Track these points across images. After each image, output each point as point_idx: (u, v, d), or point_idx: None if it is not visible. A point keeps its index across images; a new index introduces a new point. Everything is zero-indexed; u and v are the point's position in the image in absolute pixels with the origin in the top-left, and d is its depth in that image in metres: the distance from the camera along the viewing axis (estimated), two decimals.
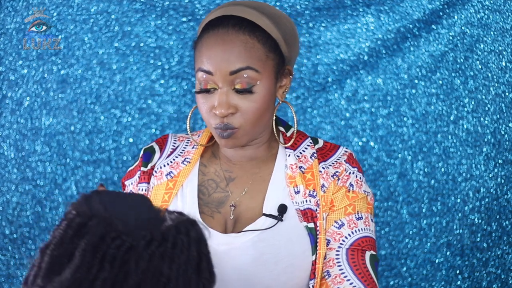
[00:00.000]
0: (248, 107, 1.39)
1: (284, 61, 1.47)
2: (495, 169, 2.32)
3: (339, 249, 1.44)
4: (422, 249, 2.34)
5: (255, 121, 1.41)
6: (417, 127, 2.33)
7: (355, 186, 1.49)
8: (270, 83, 1.42)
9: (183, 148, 1.56)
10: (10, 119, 2.27)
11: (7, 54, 2.26)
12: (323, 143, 1.54)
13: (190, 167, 1.51)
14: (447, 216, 2.33)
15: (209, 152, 1.55)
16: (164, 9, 2.28)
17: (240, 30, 1.40)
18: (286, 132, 1.54)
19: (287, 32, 1.47)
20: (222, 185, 1.50)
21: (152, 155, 1.55)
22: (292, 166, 1.49)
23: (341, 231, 1.45)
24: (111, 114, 2.30)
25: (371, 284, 1.42)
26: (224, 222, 1.47)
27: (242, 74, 1.38)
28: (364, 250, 1.45)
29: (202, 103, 1.42)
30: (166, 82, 2.30)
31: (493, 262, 2.34)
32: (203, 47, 1.41)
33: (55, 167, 2.29)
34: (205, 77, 1.39)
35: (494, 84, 2.31)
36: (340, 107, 2.34)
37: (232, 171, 1.51)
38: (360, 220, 1.47)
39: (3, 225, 2.28)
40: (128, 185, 1.56)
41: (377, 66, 2.32)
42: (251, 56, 1.39)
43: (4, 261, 2.29)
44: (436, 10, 2.29)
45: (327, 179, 1.48)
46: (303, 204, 1.46)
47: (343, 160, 1.51)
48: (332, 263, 1.44)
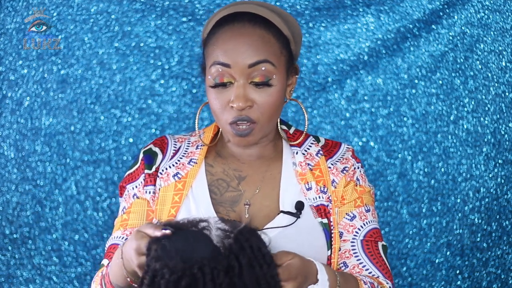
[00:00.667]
0: (265, 100, 1.40)
1: (293, 59, 1.49)
2: (495, 169, 2.32)
3: (353, 240, 1.48)
4: (422, 249, 2.34)
5: (271, 115, 1.43)
6: (417, 127, 2.33)
7: (361, 180, 1.53)
8: (283, 79, 1.44)
9: (186, 149, 1.55)
10: (10, 119, 2.27)
11: (7, 54, 2.26)
12: (324, 140, 1.58)
13: (197, 168, 1.51)
14: (447, 216, 2.33)
15: (213, 153, 1.54)
16: (164, 9, 2.28)
17: (256, 25, 1.42)
18: (288, 130, 1.57)
19: (295, 31, 1.50)
20: (234, 184, 1.50)
21: (154, 157, 1.54)
22: (301, 163, 1.51)
23: (354, 223, 1.49)
24: (111, 114, 2.30)
25: (388, 273, 1.46)
26: (239, 220, 1.46)
27: (260, 67, 1.39)
28: (376, 241, 1.49)
29: (216, 98, 1.42)
30: (166, 82, 2.30)
31: (493, 262, 2.34)
32: (219, 41, 1.41)
33: (55, 167, 2.29)
34: (221, 71, 1.39)
35: (494, 84, 2.31)
36: (340, 107, 2.34)
37: (241, 170, 1.51)
38: (369, 213, 1.51)
39: (3, 225, 2.28)
40: (130, 188, 1.54)
41: (377, 66, 2.32)
42: (268, 50, 1.40)
43: (4, 261, 2.29)
44: (436, 10, 2.29)
45: (337, 175, 1.51)
46: (315, 200, 1.48)
47: (349, 155, 1.55)
48: (349, 254, 1.47)
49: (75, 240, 2.29)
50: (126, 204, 1.53)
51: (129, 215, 1.51)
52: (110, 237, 1.53)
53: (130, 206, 1.52)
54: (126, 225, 1.50)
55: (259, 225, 1.44)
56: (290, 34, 1.47)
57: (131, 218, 1.50)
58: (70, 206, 2.29)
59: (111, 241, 1.51)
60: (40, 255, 2.29)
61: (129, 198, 1.53)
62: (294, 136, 1.56)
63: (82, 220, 2.29)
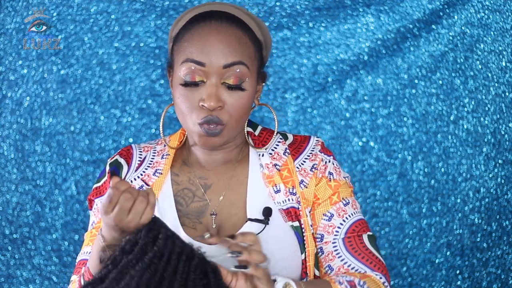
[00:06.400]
0: (236, 103, 1.36)
1: (263, 66, 1.46)
2: (495, 169, 2.32)
3: (335, 241, 1.41)
4: (422, 249, 2.34)
5: (240, 118, 1.38)
6: (417, 127, 2.33)
7: (335, 174, 1.46)
8: (254, 83, 1.40)
9: (151, 159, 1.50)
10: (10, 119, 2.27)
11: (7, 54, 2.26)
12: (293, 137, 1.51)
13: (163, 178, 1.46)
14: (447, 216, 2.33)
15: (179, 161, 1.49)
16: (164, 9, 2.28)
17: (234, 25, 1.38)
18: (254, 131, 1.50)
19: (267, 37, 1.47)
20: (199, 194, 1.45)
21: (119, 169, 1.49)
22: (268, 165, 1.45)
23: (332, 223, 1.43)
24: (111, 114, 2.30)
25: (377, 265, 1.39)
26: (208, 230, 1.41)
27: (234, 69, 1.35)
28: (360, 235, 1.42)
29: (185, 97, 1.36)
30: (166, 82, 2.30)
31: (493, 262, 2.33)
32: (194, 37, 1.36)
33: (55, 167, 2.29)
34: (193, 69, 1.34)
35: (494, 84, 2.31)
36: (340, 107, 2.34)
37: (207, 178, 1.46)
38: (348, 206, 1.44)
39: (3, 225, 2.28)
40: (99, 202, 1.49)
41: (377, 66, 2.32)
42: (244, 52, 1.37)
43: (4, 261, 2.29)
44: (436, 10, 2.29)
45: (306, 176, 1.45)
46: (285, 203, 1.42)
47: (317, 150, 1.48)
48: (332, 256, 1.40)
49: (75, 240, 2.29)
50: (95, 218, 1.49)
51: (99, 230, 1.45)
52: (79, 253, 1.49)
53: (99, 221, 1.47)
54: None
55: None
56: (263, 40, 1.44)
57: None
58: (70, 206, 2.29)
59: (80, 256, 1.48)
60: (40, 255, 2.29)
61: (98, 213, 1.48)
62: (261, 137, 1.49)
63: (82, 220, 2.29)
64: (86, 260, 1.43)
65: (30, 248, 2.29)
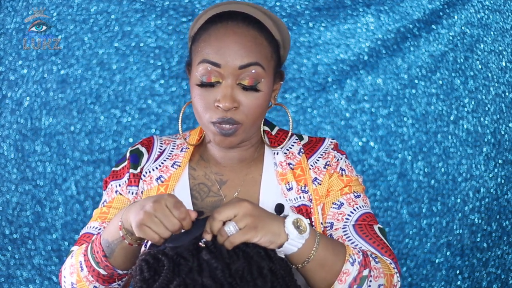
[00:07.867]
0: (251, 103, 1.37)
1: (280, 65, 1.47)
2: (495, 169, 2.32)
3: (345, 226, 1.42)
4: (422, 249, 2.34)
5: (256, 118, 1.40)
6: (417, 127, 2.33)
7: (347, 170, 1.49)
8: (270, 83, 1.42)
9: (170, 151, 1.53)
10: (10, 119, 2.27)
11: (7, 54, 2.26)
12: (308, 138, 1.54)
13: (180, 171, 1.49)
14: (447, 216, 2.33)
15: (197, 155, 1.53)
16: (164, 9, 2.28)
17: (250, 25, 1.39)
18: (271, 131, 1.54)
19: (285, 36, 1.48)
20: (215, 189, 1.48)
21: (139, 157, 1.52)
22: (282, 163, 1.48)
23: (342, 211, 1.44)
24: (111, 114, 2.30)
25: (388, 251, 1.39)
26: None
27: (250, 70, 1.36)
28: (371, 224, 1.43)
29: (201, 97, 1.38)
30: (166, 82, 2.30)
31: (493, 262, 2.34)
32: (211, 38, 1.38)
33: (55, 167, 2.29)
34: (210, 69, 1.36)
35: (494, 84, 2.31)
36: (340, 107, 2.34)
37: (222, 174, 1.49)
38: (359, 198, 1.47)
39: (3, 225, 2.28)
40: (114, 186, 1.52)
41: (377, 66, 2.32)
42: (260, 52, 1.38)
43: (4, 261, 2.29)
44: (436, 10, 2.29)
45: (320, 173, 1.47)
46: (296, 200, 1.45)
47: (331, 148, 1.51)
48: (342, 240, 1.40)
49: (75, 240, 2.28)
50: (108, 197, 1.52)
51: (109, 209, 1.49)
52: (85, 226, 1.51)
53: (112, 201, 1.51)
54: (104, 218, 1.49)
55: None
56: (281, 39, 1.46)
57: (111, 213, 1.49)
58: (70, 206, 2.29)
59: (86, 229, 1.49)
60: (40, 255, 2.29)
61: (112, 193, 1.52)
62: (277, 137, 1.53)
63: (82, 220, 2.29)
64: (91, 234, 1.46)
65: (30, 248, 2.29)
